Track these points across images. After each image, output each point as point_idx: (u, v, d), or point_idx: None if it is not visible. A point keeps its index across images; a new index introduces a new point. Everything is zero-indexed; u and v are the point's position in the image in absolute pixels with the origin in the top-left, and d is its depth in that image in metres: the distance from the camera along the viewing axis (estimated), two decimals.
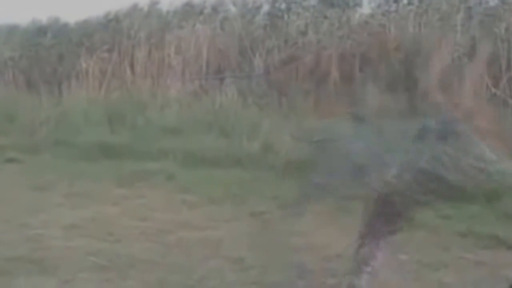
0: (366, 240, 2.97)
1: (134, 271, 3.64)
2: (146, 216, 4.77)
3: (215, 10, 9.40)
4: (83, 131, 7.66)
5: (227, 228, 4.49)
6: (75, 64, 9.47)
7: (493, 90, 6.71)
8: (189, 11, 9.52)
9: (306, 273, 3.51)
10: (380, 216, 2.93)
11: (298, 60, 7.94)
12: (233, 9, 9.33)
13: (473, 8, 7.64)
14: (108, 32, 9.66)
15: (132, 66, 9.24)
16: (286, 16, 8.74)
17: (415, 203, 2.81)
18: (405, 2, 8.17)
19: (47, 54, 9.98)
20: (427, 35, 7.59)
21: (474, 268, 3.72)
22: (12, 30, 10.86)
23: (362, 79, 7.15)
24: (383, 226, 2.94)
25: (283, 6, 8.83)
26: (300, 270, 3.52)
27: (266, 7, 9.03)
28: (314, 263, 3.67)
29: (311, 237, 4.18)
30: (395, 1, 8.22)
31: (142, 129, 7.58)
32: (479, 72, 2.79)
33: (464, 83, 2.78)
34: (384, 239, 2.97)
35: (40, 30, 10.51)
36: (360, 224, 2.99)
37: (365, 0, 8.40)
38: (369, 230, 2.97)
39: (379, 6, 8.28)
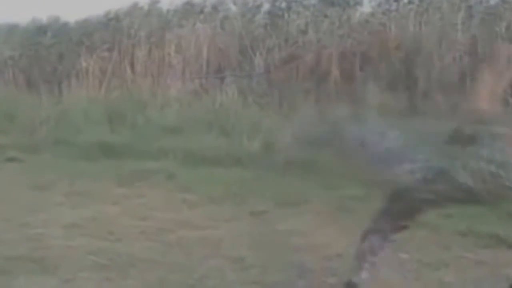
0: (369, 235, 2.95)
1: (135, 270, 3.64)
2: (146, 215, 4.76)
3: (215, 9, 9.39)
4: (83, 130, 7.65)
5: (227, 227, 4.48)
6: (75, 63, 9.46)
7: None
8: (189, 10, 9.52)
9: (306, 272, 3.51)
10: (389, 212, 2.91)
11: (298, 59, 7.94)
12: (233, 8, 9.33)
13: (473, 7, 7.64)
14: (108, 31, 9.65)
15: (132, 65, 9.23)
16: (286, 15, 8.73)
17: (428, 203, 2.79)
18: (405, 1, 8.17)
19: (47, 53, 9.97)
20: (428, 34, 7.59)
21: (474, 267, 3.71)
22: (12, 29, 10.85)
23: (362, 78, 7.14)
24: (390, 223, 2.92)
25: (284, 5, 8.82)
26: (300, 270, 3.52)
27: (266, 6, 9.02)
28: (314, 263, 3.67)
29: (311, 236, 4.18)
30: (396, 0, 8.22)
31: (142, 128, 7.57)
32: (498, 74, 2.77)
33: (481, 85, 2.77)
34: (388, 236, 2.95)
35: (40, 29, 10.50)
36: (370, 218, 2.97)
37: None
38: (374, 225, 2.95)
39: (379, 5, 8.28)
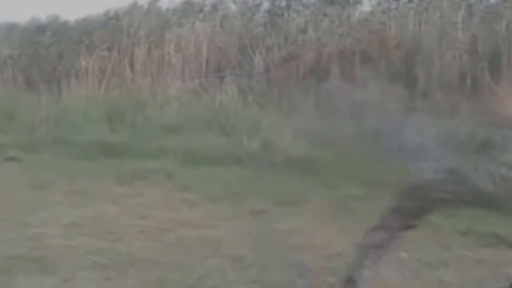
0: (373, 231, 2.93)
1: (134, 270, 3.64)
2: (146, 215, 4.76)
3: (214, 8, 9.37)
4: (83, 130, 7.65)
5: (227, 226, 4.48)
6: (74, 63, 9.44)
7: (494, 87, 6.70)
8: (188, 9, 9.50)
9: (306, 271, 3.50)
10: (398, 210, 2.89)
11: (298, 58, 7.93)
12: (233, 6, 9.31)
13: (473, 6, 7.63)
14: (108, 30, 9.64)
15: (132, 64, 9.22)
16: (286, 14, 8.72)
17: (440, 203, 2.77)
18: None
19: (47, 52, 9.95)
20: (428, 32, 7.58)
21: (474, 266, 3.71)
22: (11, 28, 10.82)
23: (362, 77, 7.13)
24: (398, 221, 2.90)
25: (283, 4, 8.81)
26: (300, 269, 3.52)
27: (266, 5, 9.00)
28: (314, 262, 3.66)
29: (311, 235, 4.18)
30: None
31: (142, 127, 7.56)
32: None
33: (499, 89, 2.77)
34: (394, 234, 2.93)
35: (39, 28, 10.48)
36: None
37: None
38: (382, 222, 2.93)
39: (379, 4, 8.27)
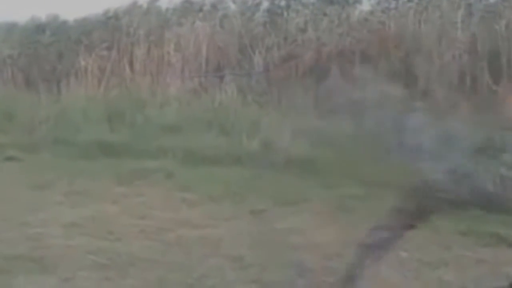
0: (375, 230, 2.93)
1: (134, 270, 3.64)
2: (145, 215, 4.76)
3: (214, 7, 9.37)
4: (83, 129, 7.64)
5: (227, 226, 4.48)
6: (74, 62, 9.44)
7: (493, 87, 6.70)
8: (188, 8, 9.49)
9: (305, 271, 3.50)
10: (403, 209, 2.88)
11: (297, 58, 7.92)
12: (232, 6, 9.30)
13: (473, 5, 7.62)
14: (107, 30, 9.63)
15: (131, 64, 9.21)
16: (285, 13, 8.71)
17: (446, 204, 2.77)
18: None
19: (46, 52, 9.94)
20: (427, 32, 7.58)
21: (474, 266, 3.71)
22: (10, 28, 10.81)
23: (362, 76, 7.12)
24: (402, 220, 2.89)
25: (283, 3, 8.80)
26: (299, 268, 3.51)
27: (265, 4, 9.00)
28: (314, 261, 3.66)
29: (311, 235, 4.18)
30: None
31: (142, 127, 7.56)
32: None
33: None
34: (397, 233, 2.93)
35: (39, 28, 10.47)
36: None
37: None
38: (385, 221, 2.92)
39: (378, 3, 8.27)
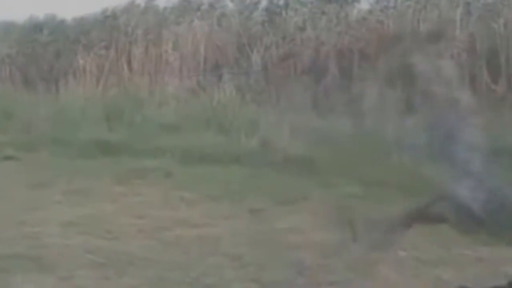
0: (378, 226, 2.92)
1: (132, 269, 3.63)
2: (144, 214, 4.75)
3: (212, 6, 9.36)
4: (81, 129, 7.63)
5: (226, 225, 4.47)
6: (72, 61, 9.43)
7: (492, 86, 6.70)
8: (186, 7, 9.49)
9: (304, 270, 3.50)
10: (419, 213, 2.87)
11: (296, 56, 7.92)
12: (230, 5, 9.30)
13: (471, 4, 7.63)
14: (105, 29, 9.62)
15: (129, 63, 9.20)
16: (284, 12, 8.71)
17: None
18: None
19: (44, 51, 9.93)
20: (426, 31, 7.58)
21: (473, 264, 3.70)
22: (8, 27, 10.79)
23: (360, 75, 7.13)
24: (409, 220, 2.88)
25: (281, 2, 8.80)
26: (298, 267, 3.51)
27: (264, 3, 8.99)
28: (313, 260, 3.66)
29: (310, 234, 4.17)
30: None
31: (140, 126, 7.55)
32: None
33: None
34: (397, 231, 2.92)
35: (37, 27, 10.45)
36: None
37: None
38: (392, 220, 2.91)
39: (377, 2, 8.26)
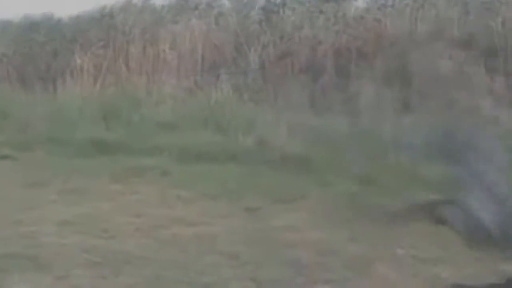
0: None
1: (129, 268, 3.62)
2: (140, 212, 4.74)
3: (209, 5, 9.35)
4: (78, 128, 7.61)
5: (223, 223, 4.46)
6: (69, 61, 9.41)
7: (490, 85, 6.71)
8: (183, 6, 9.48)
9: (301, 268, 3.49)
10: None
11: (293, 55, 7.92)
12: (227, 4, 9.29)
13: (469, 3, 7.64)
14: (102, 28, 9.61)
15: (126, 62, 9.19)
16: (281, 11, 8.71)
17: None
18: None
19: (41, 50, 9.91)
20: (423, 29, 7.58)
21: (472, 263, 3.69)
22: (5, 26, 10.77)
23: (358, 73, 7.13)
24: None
25: (278, 1, 8.80)
26: (295, 266, 3.51)
27: (261, 2, 8.99)
28: (309, 259, 3.65)
29: (306, 232, 4.17)
30: None
31: (137, 125, 7.54)
32: None
33: None
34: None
35: (33, 26, 10.44)
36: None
37: None
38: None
39: (375, 1, 8.27)
